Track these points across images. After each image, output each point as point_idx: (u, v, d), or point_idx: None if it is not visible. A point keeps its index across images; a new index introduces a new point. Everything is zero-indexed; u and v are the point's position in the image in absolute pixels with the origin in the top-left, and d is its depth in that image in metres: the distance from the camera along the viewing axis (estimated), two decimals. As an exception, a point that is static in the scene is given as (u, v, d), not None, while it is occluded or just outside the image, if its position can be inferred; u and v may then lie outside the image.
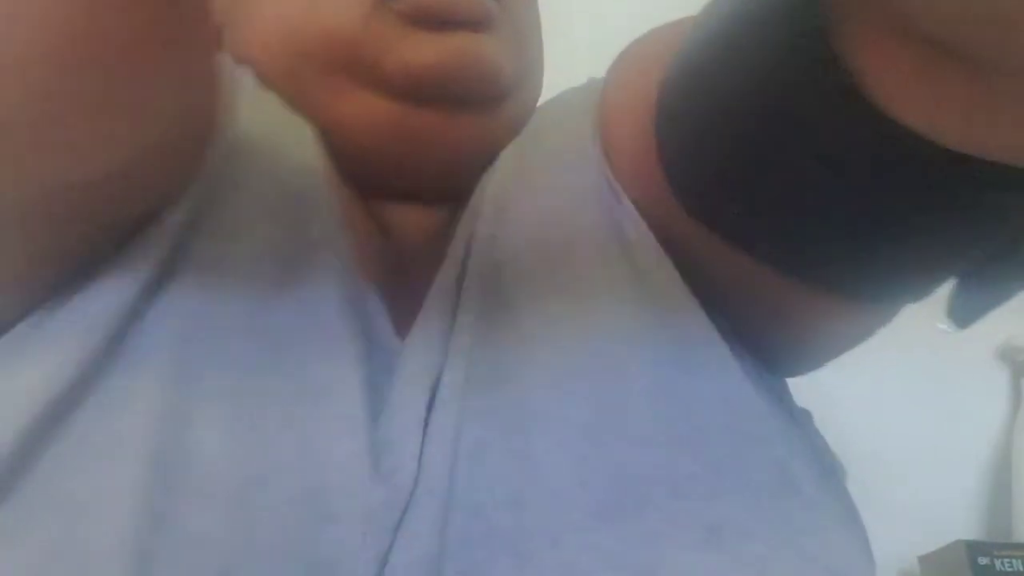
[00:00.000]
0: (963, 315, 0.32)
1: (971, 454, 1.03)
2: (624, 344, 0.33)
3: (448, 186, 0.41)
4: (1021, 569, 0.87)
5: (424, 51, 0.38)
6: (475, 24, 0.38)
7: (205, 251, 0.33)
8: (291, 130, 0.39)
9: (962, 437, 1.02)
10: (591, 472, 0.29)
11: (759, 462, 0.31)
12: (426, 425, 0.31)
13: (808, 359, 0.40)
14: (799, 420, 0.37)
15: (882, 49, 0.25)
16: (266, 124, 0.39)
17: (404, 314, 0.35)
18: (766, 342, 0.37)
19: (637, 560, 0.27)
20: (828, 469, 0.36)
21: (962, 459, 1.02)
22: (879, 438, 0.95)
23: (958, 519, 1.00)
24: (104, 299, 0.30)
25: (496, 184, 0.40)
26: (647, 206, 0.37)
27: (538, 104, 0.47)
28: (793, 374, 0.42)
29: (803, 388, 0.43)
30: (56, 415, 0.27)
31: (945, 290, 0.33)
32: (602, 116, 0.41)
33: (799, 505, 0.30)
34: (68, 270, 0.31)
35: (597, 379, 0.32)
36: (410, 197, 0.42)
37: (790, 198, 0.31)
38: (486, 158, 0.41)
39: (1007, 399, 1.06)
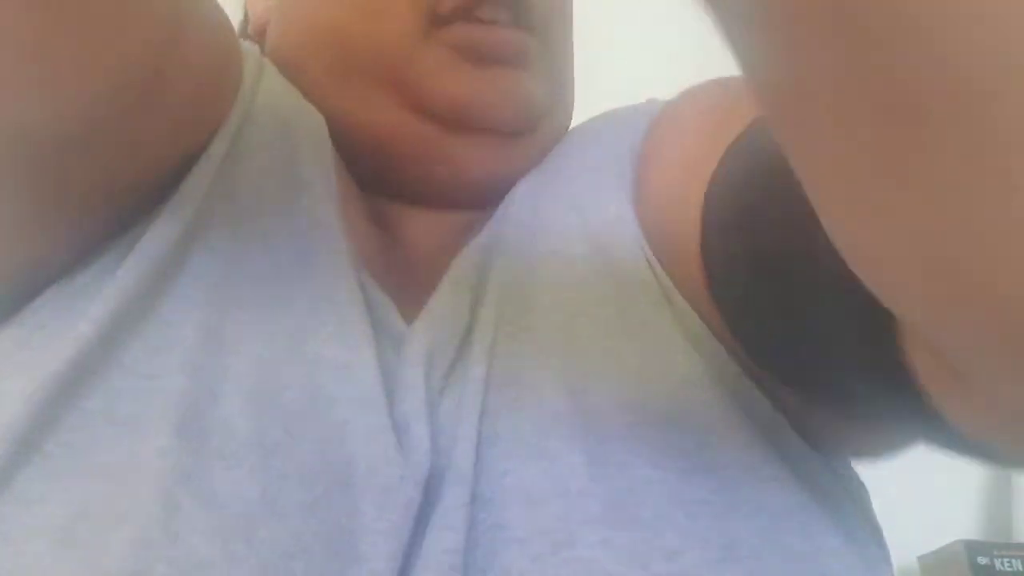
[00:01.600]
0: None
1: (971, 454, 1.03)
2: (636, 375, 0.34)
3: (473, 199, 0.43)
4: (1020, 569, 0.87)
5: (467, 85, 0.40)
6: (516, 61, 0.41)
7: (225, 216, 0.35)
8: (306, 117, 0.41)
9: (962, 437, 1.02)
10: (605, 476, 0.30)
11: (768, 489, 0.31)
12: (436, 407, 0.32)
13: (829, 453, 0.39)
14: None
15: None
16: (284, 106, 0.41)
17: (409, 307, 0.36)
18: None
19: (657, 566, 0.27)
20: (852, 492, 0.36)
21: (961, 459, 1.02)
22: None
23: (958, 519, 1.00)
24: (140, 257, 0.32)
25: (526, 194, 0.41)
26: (675, 274, 0.37)
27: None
28: None
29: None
30: (78, 378, 0.29)
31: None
32: (642, 168, 0.41)
33: (798, 529, 0.31)
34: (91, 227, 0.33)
35: (612, 400, 0.32)
36: (430, 204, 0.43)
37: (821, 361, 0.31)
38: (514, 179, 0.43)
39: (1007, 399, 1.06)
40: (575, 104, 0.48)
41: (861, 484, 0.39)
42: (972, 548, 0.88)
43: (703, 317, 0.35)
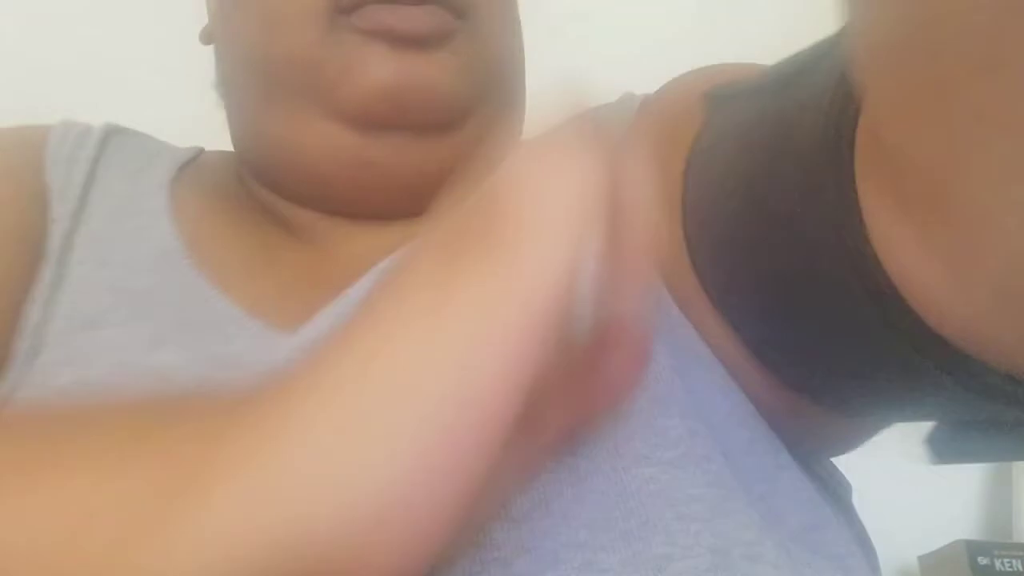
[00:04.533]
0: (941, 452, 0.31)
1: (971, 454, 1.03)
2: None
3: (408, 207, 0.40)
4: (1021, 569, 0.87)
5: (377, 72, 0.37)
6: (434, 43, 0.38)
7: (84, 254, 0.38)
8: (153, 158, 0.43)
9: (962, 437, 1.02)
10: (589, 490, 0.28)
11: (754, 491, 0.31)
12: None
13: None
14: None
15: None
16: (129, 157, 0.42)
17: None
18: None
19: None
20: (834, 494, 0.36)
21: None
22: (877, 437, 0.95)
23: (958, 519, 1.00)
24: None
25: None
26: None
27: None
28: None
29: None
30: None
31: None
32: None
33: (787, 536, 0.30)
34: None
35: None
36: (368, 216, 0.41)
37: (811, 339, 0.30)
38: (448, 181, 0.40)
39: (1007, 399, 1.06)
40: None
41: (847, 485, 0.38)
42: (972, 548, 0.88)
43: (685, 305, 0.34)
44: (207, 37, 0.46)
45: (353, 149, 0.39)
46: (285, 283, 0.38)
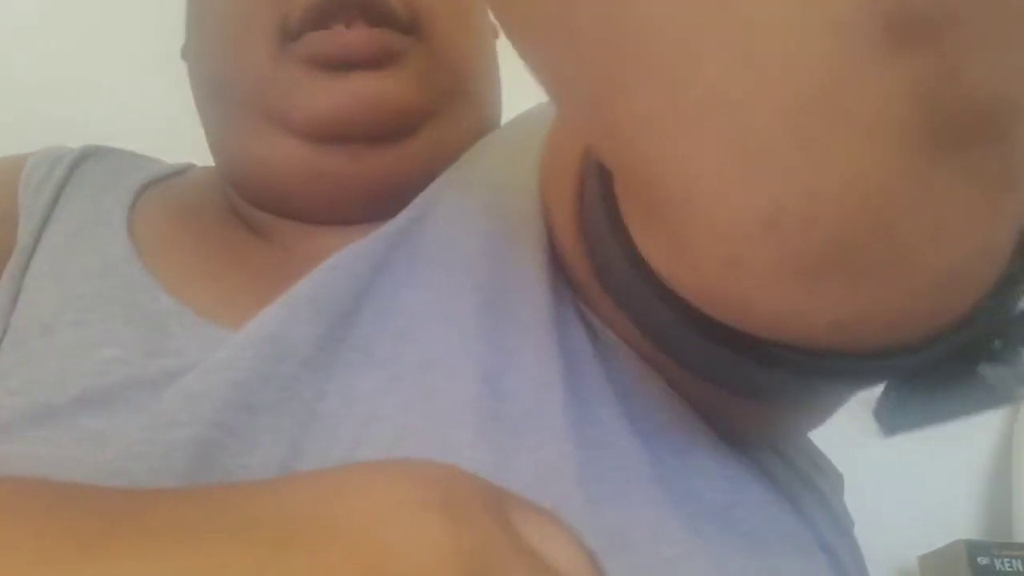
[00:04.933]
0: (890, 422, 0.31)
1: (971, 454, 1.03)
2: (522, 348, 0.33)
3: (367, 212, 0.41)
4: (1021, 569, 0.87)
5: (322, 98, 0.39)
6: (375, 63, 0.39)
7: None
8: (122, 175, 0.45)
9: (962, 437, 1.02)
10: (506, 470, 0.29)
11: (669, 470, 0.31)
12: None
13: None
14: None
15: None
16: (99, 175, 0.45)
17: None
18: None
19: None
20: (804, 477, 0.36)
21: (962, 459, 1.02)
22: (877, 436, 0.95)
23: (958, 519, 1.00)
24: None
25: (425, 198, 0.39)
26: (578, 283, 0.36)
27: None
28: None
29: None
30: None
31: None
32: (542, 172, 0.39)
33: (701, 512, 0.30)
34: None
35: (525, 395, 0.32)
36: (335, 222, 0.42)
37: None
38: (406, 185, 0.41)
39: (1007, 399, 1.06)
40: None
41: (833, 472, 0.38)
42: (972, 548, 0.88)
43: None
44: (184, 53, 0.48)
45: (307, 160, 0.40)
46: (244, 283, 0.39)
